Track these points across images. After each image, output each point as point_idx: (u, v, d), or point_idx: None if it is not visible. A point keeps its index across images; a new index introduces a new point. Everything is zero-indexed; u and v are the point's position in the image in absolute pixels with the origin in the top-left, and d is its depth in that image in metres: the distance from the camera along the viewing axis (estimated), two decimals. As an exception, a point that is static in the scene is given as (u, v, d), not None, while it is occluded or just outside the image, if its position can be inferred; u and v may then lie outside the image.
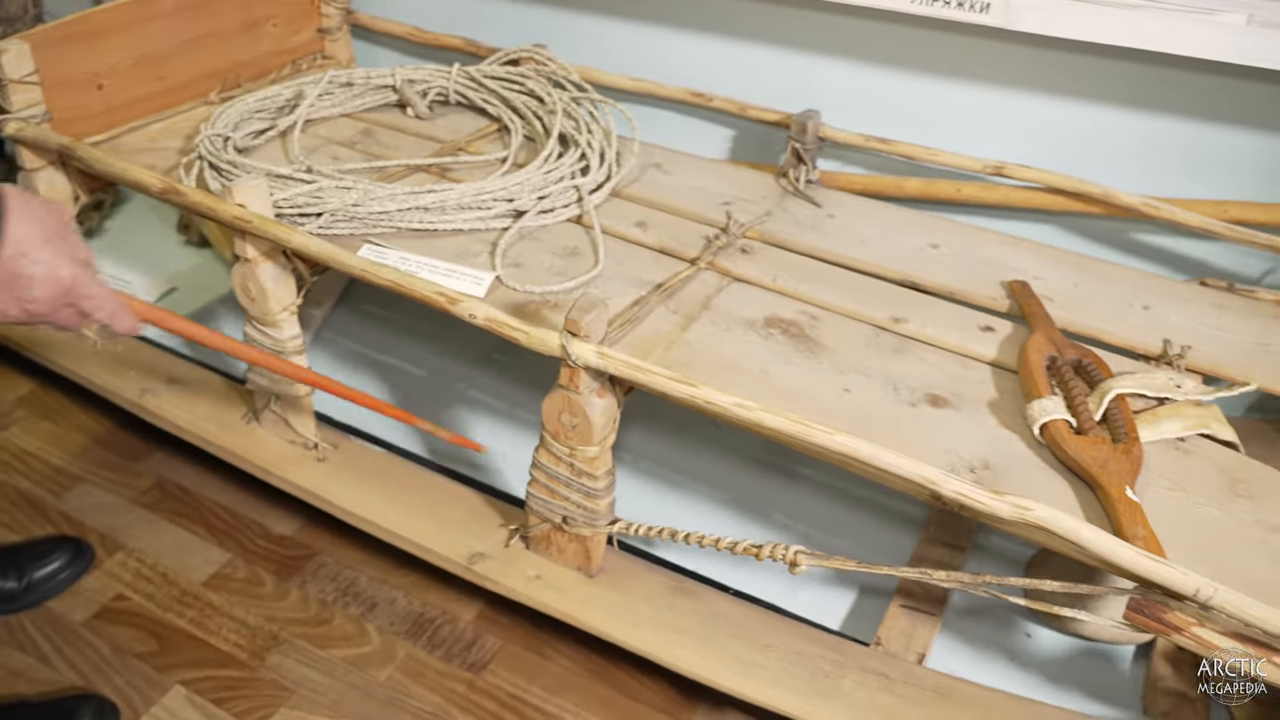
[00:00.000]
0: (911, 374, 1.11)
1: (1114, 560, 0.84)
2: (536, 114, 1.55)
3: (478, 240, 1.30)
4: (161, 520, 1.49)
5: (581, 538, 1.16)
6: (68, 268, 0.84)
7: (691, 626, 1.13)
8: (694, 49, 1.64)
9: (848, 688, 1.07)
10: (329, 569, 1.42)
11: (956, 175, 1.48)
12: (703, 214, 1.40)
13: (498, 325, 1.03)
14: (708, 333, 1.16)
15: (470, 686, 1.26)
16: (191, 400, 1.45)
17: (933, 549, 1.31)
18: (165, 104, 1.61)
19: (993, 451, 1.01)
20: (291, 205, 1.27)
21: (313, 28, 1.82)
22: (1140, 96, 1.35)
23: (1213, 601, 0.81)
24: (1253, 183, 1.32)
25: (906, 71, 1.49)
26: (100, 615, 1.34)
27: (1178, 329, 1.22)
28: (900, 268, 1.31)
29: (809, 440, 0.91)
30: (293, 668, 1.28)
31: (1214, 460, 1.03)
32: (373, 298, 1.88)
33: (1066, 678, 1.21)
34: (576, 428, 1.05)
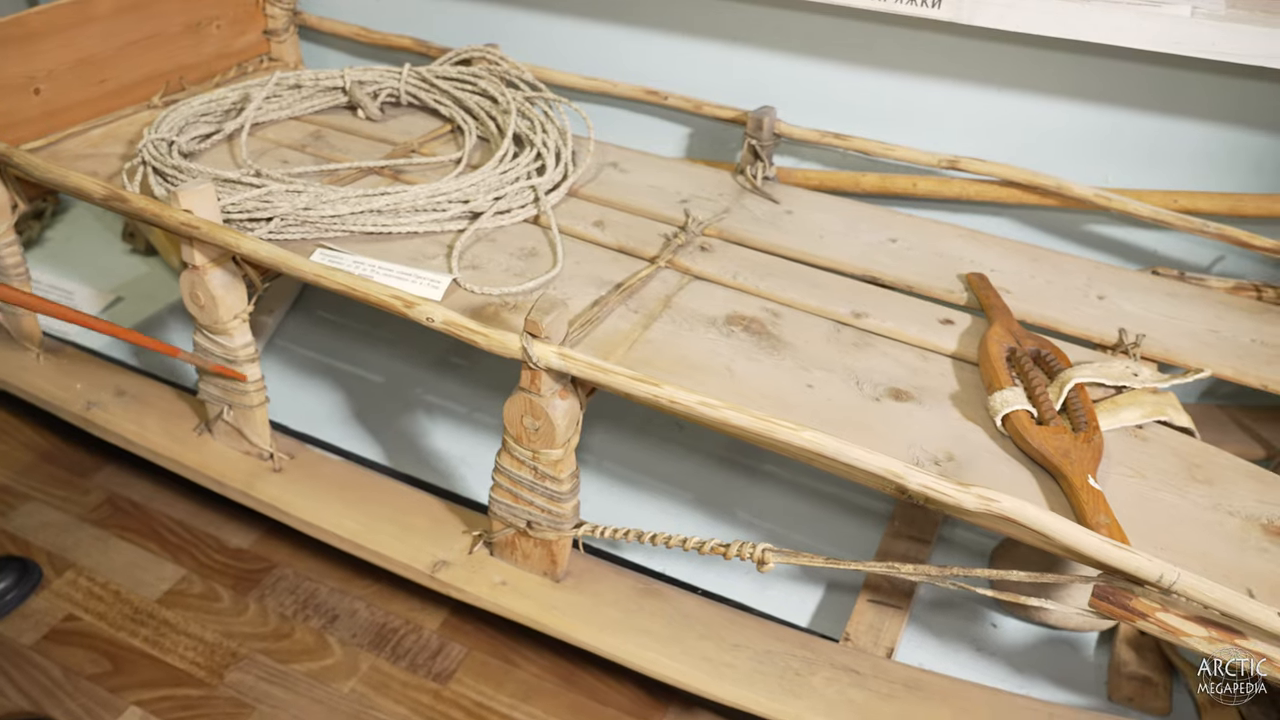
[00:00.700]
0: (874, 368, 1.11)
1: (1079, 549, 0.84)
2: (490, 114, 1.53)
3: (433, 243, 1.28)
4: (112, 537, 1.45)
5: (546, 542, 1.14)
6: None
7: (660, 629, 1.12)
8: (648, 47, 1.63)
9: (818, 685, 1.07)
10: (288, 581, 1.39)
11: (912, 170, 1.48)
12: (660, 212, 1.40)
13: (456, 328, 1.01)
14: (669, 331, 1.15)
15: (437, 697, 1.24)
16: (141, 413, 1.41)
17: (898, 543, 1.32)
18: (106, 108, 1.57)
19: (956, 444, 1.01)
20: (240, 210, 1.24)
21: (258, 29, 1.78)
22: (1092, 89, 1.37)
23: (1176, 586, 0.82)
24: (1203, 173, 1.35)
25: (861, 67, 1.50)
26: (50, 637, 1.30)
27: (1132, 318, 1.23)
28: (859, 262, 1.31)
29: (775, 437, 0.90)
30: (253, 684, 1.25)
31: (1172, 446, 1.04)
32: (327, 304, 1.85)
33: (1032, 666, 1.22)
34: (539, 430, 1.04)
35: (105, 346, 1.67)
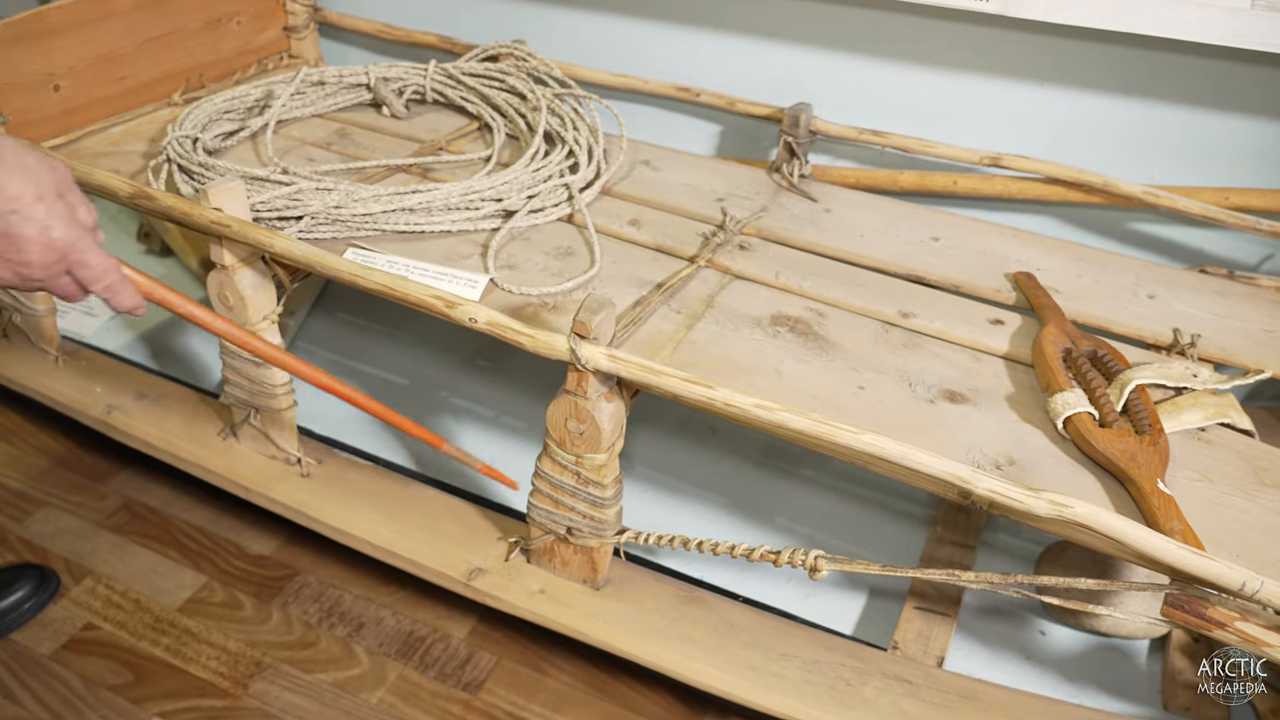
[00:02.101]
0: (925, 370, 1.08)
1: (1156, 556, 0.81)
2: (519, 111, 1.50)
3: (466, 242, 1.25)
4: (130, 543, 1.42)
5: (587, 549, 1.11)
6: (63, 229, 0.77)
7: (704, 637, 1.09)
8: (678, 42, 1.60)
9: (870, 695, 1.04)
10: (312, 589, 1.36)
11: (952, 167, 1.46)
12: (697, 211, 1.37)
13: (500, 329, 0.98)
14: (713, 332, 1.12)
15: (467, 707, 1.21)
16: (163, 416, 1.37)
17: (942, 548, 1.29)
18: (126, 106, 1.54)
19: (1016, 447, 0.98)
20: (270, 209, 1.20)
21: (278, 26, 1.76)
22: (1139, 84, 1.34)
23: (1259, 595, 0.79)
24: (1254, 169, 1.32)
25: (899, 62, 1.47)
26: (69, 646, 1.27)
27: (1184, 317, 1.20)
28: (902, 261, 1.28)
29: (834, 441, 0.87)
30: (278, 694, 1.22)
31: (1236, 449, 1.01)
32: (348, 305, 1.82)
33: (1084, 674, 1.19)
34: (584, 434, 1.01)
35: (123, 349, 1.64)
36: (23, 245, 0.75)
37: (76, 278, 0.81)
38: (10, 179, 0.74)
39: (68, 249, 0.78)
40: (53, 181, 0.77)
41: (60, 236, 0.77)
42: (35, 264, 0.77)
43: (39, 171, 0.76)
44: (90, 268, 0.81)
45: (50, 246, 0.77)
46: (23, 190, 0.74)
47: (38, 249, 0.76)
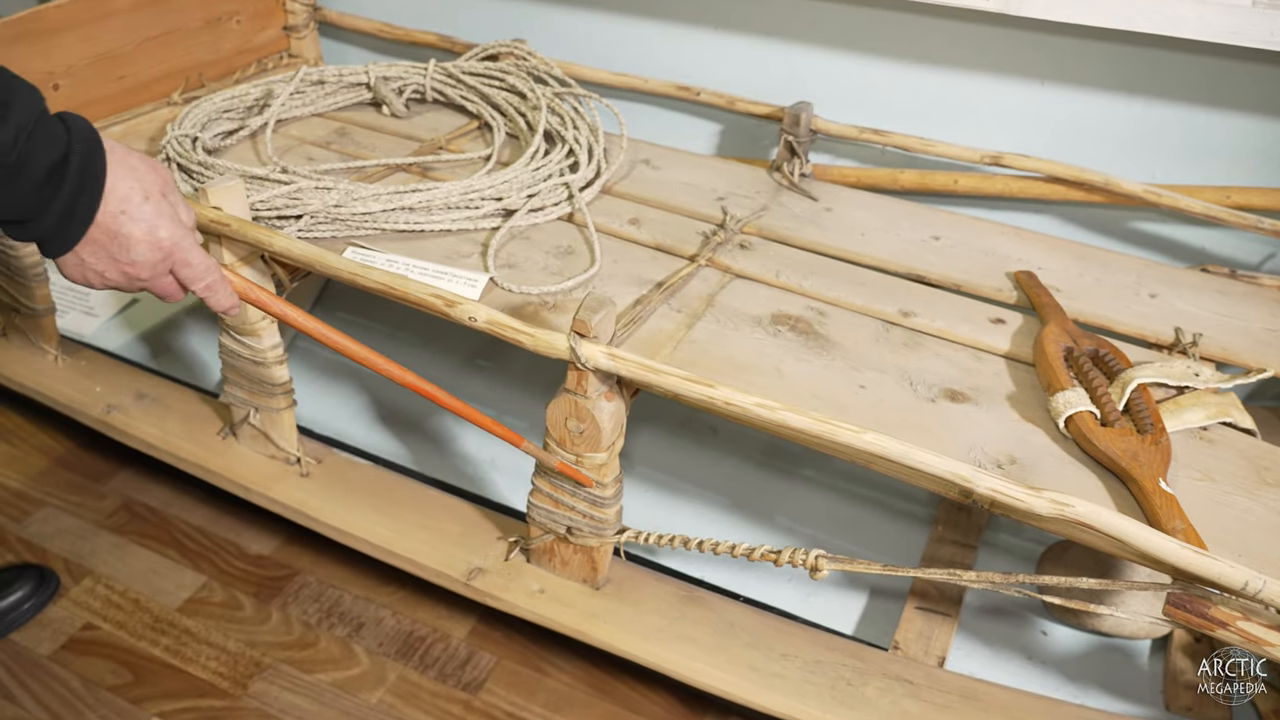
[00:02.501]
0: (926, 369, 1.08)
1: (1158, 555, 0.81)
2: (519, 110, 1.49)
3: (466, 241, 1.25)
4: (130, 543, 1.41)
5: (587, 548, 1.11)
6: (168, 229, 0.77)
7: (705, 637, 1.08)
8: (679, 41, 1.60)
9: (871, 695, 1.03)
10: (311, 589, 1.35)
11: (953, 166, 1.45)
12: (697, 210, 1.37)
13: (500, 328, 0.98)
14: (714, 331, 1.12)
15: (467, 707, 1.21)
16: (162, 416, 1.37)
17: (943, 548, 1.28)
18: (125, 105, 1.54)
19: (1017, 446, 0.98)
20: (269, 208, 1.20)
21: (278, 25, 1.75)
22: (1140, 82, 1.34)
23: (1262, 594, 0.78)
24: (1254, 168, 1.32)
25: (900, 61, 1.47)
26: (68, 647, 1.26)
27: (1185, 316, 1.20)
28: (903, 260, 1.28)
29: (835, 440, 0.87)
30: (278, 695, 1.21)
31: (1238, 449, 1.01)
32: (348, 305, 1.81)
33: (1085, 675, 1.19)
34: (584, 434, 1.00)
35: (123, 349, 1.64)
36: (131, 245, 0.76)
37: (178, 277, 0.81)
38: (119, 180, 0.74)
39: (173, 248, 0.78)
40: (157, 182, 0.77)
41: (166, 236, 0.77)
42: (142, 263, 0.77)
43: (144, 172, 0.76)
44: (193, 267, 0.81)
45: (157, 246, 0.77)
46: (130, 191, 0.75)
47: (145, 248, 0.76)
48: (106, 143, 0.74)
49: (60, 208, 0.71)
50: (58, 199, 0.71)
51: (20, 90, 0.70)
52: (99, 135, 0.74)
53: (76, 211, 0.73)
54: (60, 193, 0.71)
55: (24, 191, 0.70)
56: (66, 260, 0.76)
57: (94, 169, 0.73)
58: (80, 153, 0.72)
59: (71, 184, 0.71)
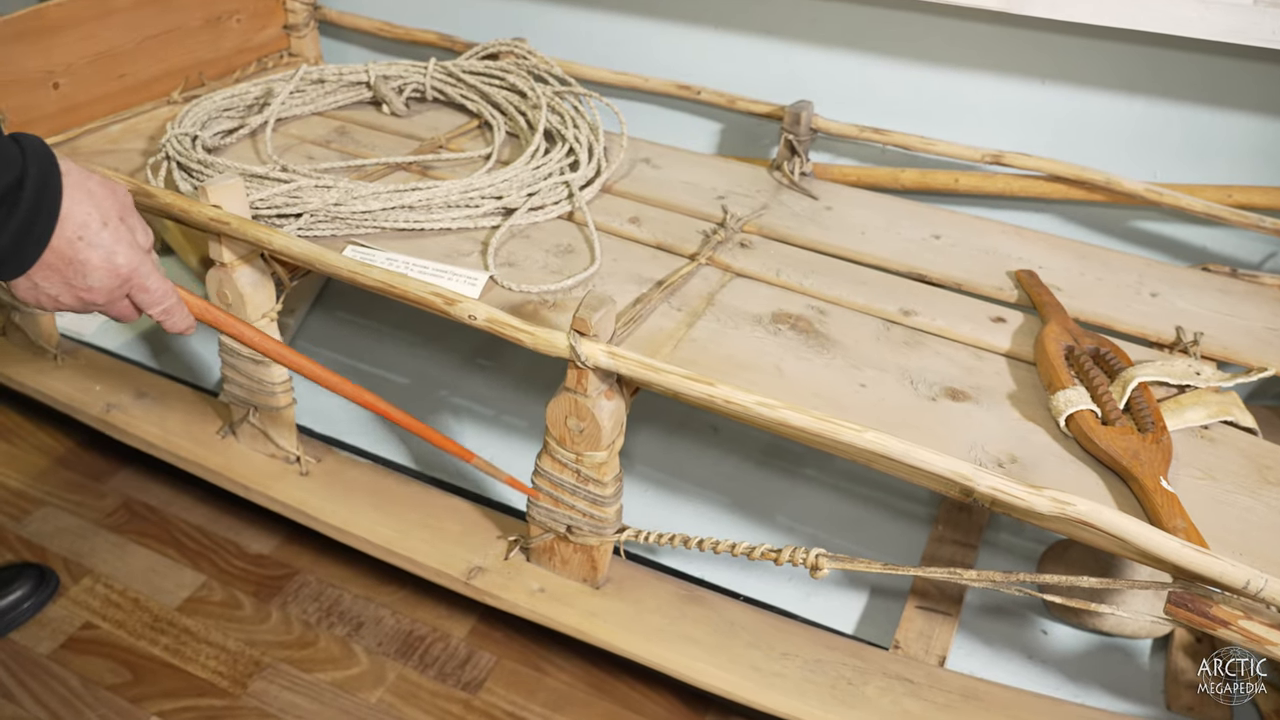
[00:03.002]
0: (927, 367, 1.08)
1: (1159, 554, 0.80)
2: (519, 109, 1.49)
3: (466, 239, 1.25)
4: (130, 543, 1.41)
5: (587, 547, 1.11)
6: (126, 255, 0.75)
7: (706, 637, 1.08)
8: (679, 40, 1.60)
9: (872, 694, 1.03)
10: (311, 588, 1.35)
11: (954, 165, 1.45)
12: (697, 209, 1.36)
13: (499, 326, 0.98)
14: (714, 330, 1.11)
15: (466, 707, 1.21)
16: (162, 415, 1.37)
17: (944, 547, 1.28)
18: (125, 104, 1.54)
19: (1018, 445, 0.98)
20: (269, 206, 1.20)
21: (278, 24, 1.75)
22: (1141, 81, 1.34)
23: (1263, 593, 0.78)
24: (1257, 167, 1.32)
25: (901, 60, 1.46)
26: (67, 646, 1.26)
27: (1187, 315, 1.20)
28: (904, 259, 1.28)
29: (836, 439, 0.86)
30: (277, 694, 1.21)
31: (1240, 447, 1.00)
32: (348, 304, 1.81)
33: (1086, 674, 1.18)
34: (584, 432, 1.00)
35: (122, 348, 1.64)
36: (88, 271, 0.74)
37: (135, 301, 0.80)
38: (76, 205, 0.72)
39: (131, 274, 0.77)
40: (115, 206, 0.75)
41: (124, 262, 0.76)
42: (98, 289, 0.75)
43: (102, 196, 0.74)
44: (150, 292, 0.79)
45: (114, 272, 0.75)
46: (88, 216, 0.73)
47: (102, 274, 0.75)
48: (63, 164, 0.72)
49: (13, 232, 0.69)
50: (10, 223, 0.69)
51: None
52: (55, 157, 0.72)
53: (30, 236, 0.70)
54: (14, 217, 0.69)
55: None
56: (19, 284, 0.74)
57: (49, 193, 0.70)
58: (35, 176, 0.69)
59: (26, 208, 0.69)
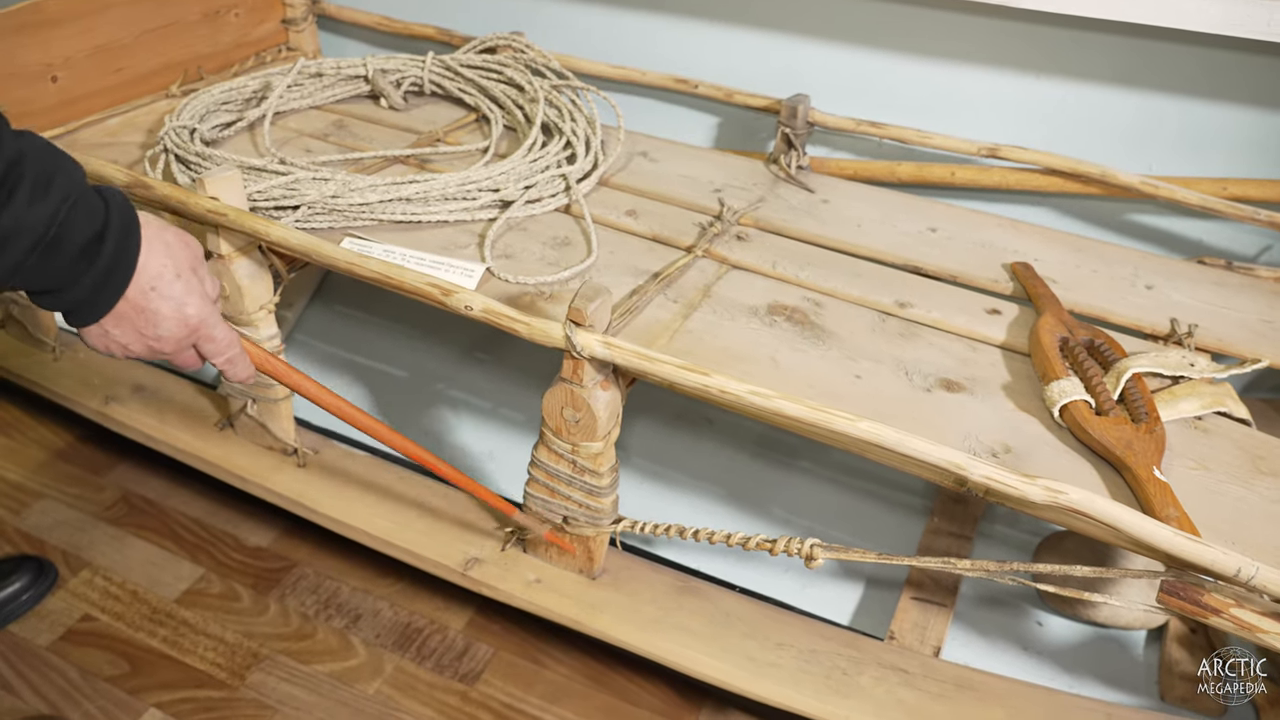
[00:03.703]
0: (922, 359, 1.08)
1: (1151, 542, 0.81)
2: (517, 103, 1.50)
3: (464, 232, 1.25)
4: (128, 535, 1.41)
5: (583, 538, 1.11)
6: (196, 305, 0.77)
7: (701, 627, 1.09)
8: (677, 34, 1.60)
9: (866, 684, 1.03)
10: (309, 580, 1.36)
11: (950, 159, 1.45)
12: (694, 201, 1.37)
13: (495, 317, 0.98)
14: (710, 321, 1.12)
15: (464, 698, 1.21)
16: (160, 408, 1.37)
17: (939, 539, 1.29)
18: (123, 97, 1.54)
19: (1012, 435, 0.98)
20: (266, 198, 1.20)
21: (277, 18, 1.76)
22: (1136, 74, 1.34)
23: (1254, 581, 0.79)
24: (1251, 159, 1.32)
25: (897, 53, 1.47)
26: (66, 637, 1.27)
27: (1182, 307, 1.20)
28: (900, 252, 1.28)
29: (830, 428, 0.87)
30: (275, 685, 1.22)
31: (1233, 438, 1.01)
32: (347, 298, 1.82)
33: (1081, 665, 1.19)
34: (580, 423, 1.01)
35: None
36: (159, 321, 0.75)
37: (200, 350, 0.81)
38: (152, 257, 0.74)
39: (199, 324, 0.78)
40: (188, 258, 0.77)
41: (194, 313, 0.77)
42: (167, 338, 0.77)
43: (177, 248, 0.76)
44: (216, 342, 0.81)
45: (184, 322, 0.77)
46: (163, 268, 0.74)
47: (173, 324, 0.76)
48: (142, 217, 0.74)
49: (92, 282, 0.71)
50: (90, 273, 0.71)
51: (64, 165, 0.69)
52: (134, 210, 0.74)
53: (108, 286, 0.72)
54: (94, 267, 0.71)
55: (59, 265, 0.69)
56: (90, 331, 0.75)
57: (129, 245, 0.72)
58: (117, 229, 0.71)
59: (106, 260, 0.71)
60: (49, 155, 0.69)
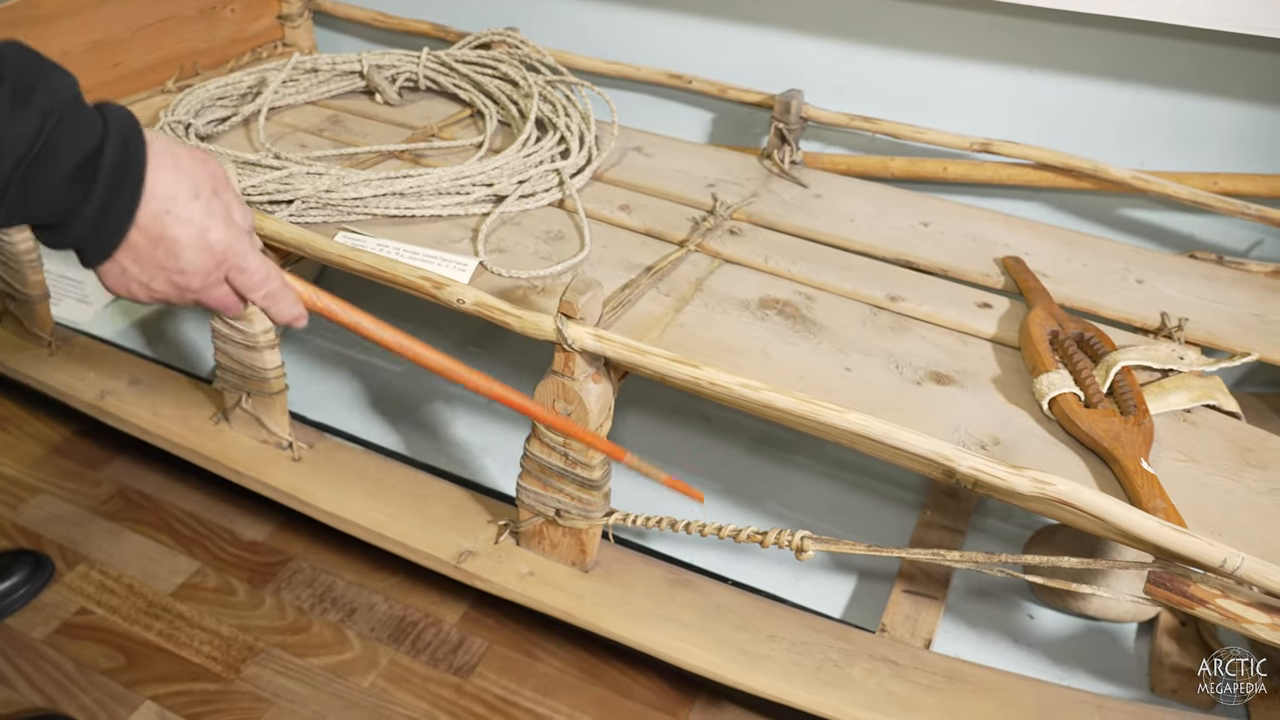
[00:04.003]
0: (913, 352, 1.09)
1: (1137, 533, 0.81)
2: (511, 98, 1.50)
3: (457, 226, 1.26)
4: (124, 530, 1.42)
5: (576, 531, 1.11)
6: (221, 231, 0.67)
7: (693, 619, 1.09)
8: (671, 30, 1.60)
9: (857, 676, 1.04)
10: (304, 574, 1.36)
11: (943, 154, 1.46)
12: (687, 196, 1.37)
13: (487, 310, 0.99)
14: (702, 315, 1.12)
15: (458, 691, 1.22)
16: (156, 402, 1.38)
17: (931, 533, 1.29)
18: (120, 92, 1.55)
19: (1001, 427, 0.98)
20: (261, 192, 1.21)
21: (272, 14, 1.76)
22: (1128, 69, 1.35)
23: (1240, 571, 0.79)
24: (1242, 154, 1.32)
25: (890, 49, 1.47)
26: (62, 631, 1.27)
27: (1172, 301, 1.21)
28: (892, 246, 1.28)
29: (819, 420, 0.87)
30: (270, 678, 1.22)
31: (1222, 431, 1.01)
32: (341, 291, 1.79)
33: (1072, 658, 1.19)
34: (571, 415, 1.01)
35: (117, 335, 1.65)
36: (179, 251, 0.66)
37: (234, 285, 0.71)
38: (162, 176, 0.64)
39: (226, 252, 0.68)
40: (207, 178, 0.68)
41: (218, 239, 0.67)
42: (192, 271, 0.67)
43: (192, 167, 0.67)
44: (250, 273, 0.70)
45: (208, 250, 0.67)
46: (176, 189, 0.65)
47: (195, 253, 0.67)
48: (148, 133, 0.65)
49: (94, 208, 0.63)
50: (91, 198, 0.62)
51: (51, 74, 0.61)
52: (139, 125, 0.65)
53: (113, 212, 0.63)
54: (93, 191, 0.62)
55: (51, 189, 0.61)
56: (108, 270, 0.67)
57: (133, 163, 0.63)
58: (116, 144, 0.63)
59: (106, 180, 0.62)
60: (33, 62, 0.61)
